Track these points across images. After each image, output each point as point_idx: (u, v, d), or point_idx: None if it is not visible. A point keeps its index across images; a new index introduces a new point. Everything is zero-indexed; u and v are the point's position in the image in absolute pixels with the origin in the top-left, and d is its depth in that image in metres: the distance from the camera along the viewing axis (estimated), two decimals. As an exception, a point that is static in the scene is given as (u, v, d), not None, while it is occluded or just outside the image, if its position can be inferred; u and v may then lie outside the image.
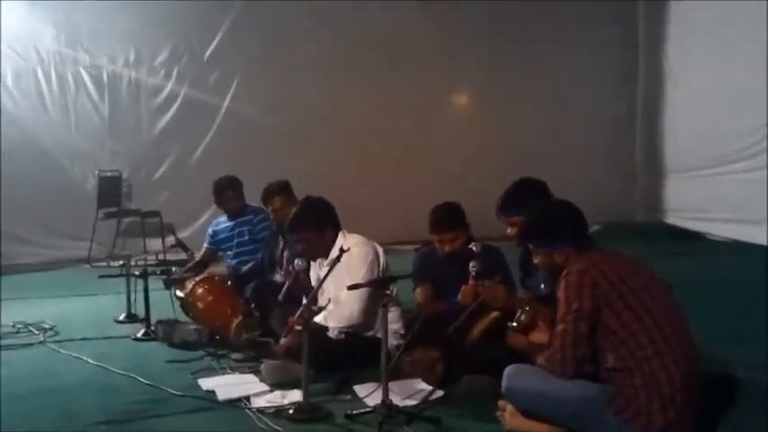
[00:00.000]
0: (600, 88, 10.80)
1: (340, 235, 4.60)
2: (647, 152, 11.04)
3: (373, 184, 9.67)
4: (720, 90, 9.34)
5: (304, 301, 4.63)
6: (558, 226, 3.38)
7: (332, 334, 4.40)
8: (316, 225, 4.56)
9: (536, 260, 3.49)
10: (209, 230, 6.28)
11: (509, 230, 4.02)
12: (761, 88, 8.60)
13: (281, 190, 5.59)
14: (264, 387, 4.12)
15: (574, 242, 3.34)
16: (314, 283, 4.66)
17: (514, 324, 3.56)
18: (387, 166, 9.93)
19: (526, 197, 3.97)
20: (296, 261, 4.36)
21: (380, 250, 4.60)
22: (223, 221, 6.17)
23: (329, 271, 4.10)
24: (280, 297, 4.35)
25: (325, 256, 4.54)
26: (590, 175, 10.18)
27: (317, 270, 4.68)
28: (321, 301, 4.34)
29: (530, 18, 10.26)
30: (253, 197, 6.03)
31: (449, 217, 4.55)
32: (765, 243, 8.30)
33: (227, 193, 6.10)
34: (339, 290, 4.32)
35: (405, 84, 10.10)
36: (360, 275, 4.32)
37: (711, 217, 9.55)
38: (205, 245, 6.26)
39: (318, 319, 4.34)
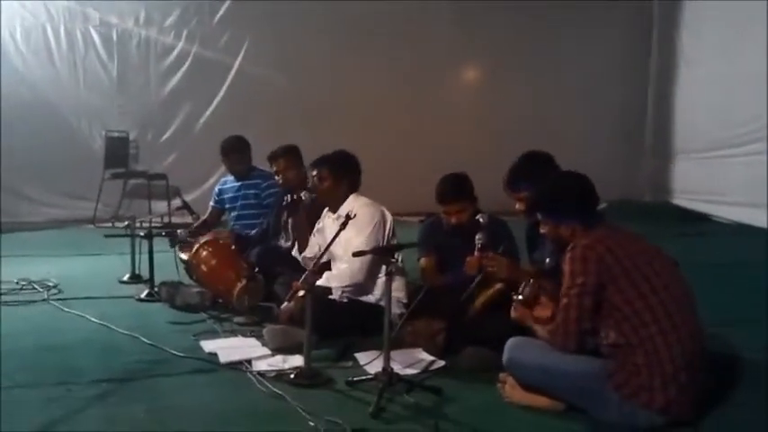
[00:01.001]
0: (612, 68, 10.76)
1: (352, 196, 4.63)
2: (657, 132, 11.00)
3: (380, 152, 9.55)
4: (732, 73, 9.30)
5: (295, 252, 4.69)
6: (568, 198, 3.35)
7: (335, 294, 4.42)
8: (336, 170, 4.64)
9: (543, 230, 3.46)
10: (216, 188, 6.29)
11: (518, 206, 3.99)
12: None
13: (285, 152, 5.56)
14: (266, 351, 4.13)
15: (581, 216, 3.31)
16: (317, 233, 4.78)
17: (519, 297, 3.54)
18: (394, 136, 9.90)
19: (533, 171, 3.92)
20: (303, 192, 4.41)
21: (388, 214, 4.61)
22: (230, 180, 6.16)
23: (335, 236, 4.10)
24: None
25: (333, 205, 4.62)
26: (599, 153, 10.11)
27: (324, 222, 4.76)
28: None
29: (543, -1, 10.20)
30: (261, 160, 5.99)
31: (456, 188, 4.52)
32: (766, 226, 8.31)
33: (233, 155, 6.09)
34: (344, 248, 4.35)
35: (414, 54, 10.07)
36: (365, 235, 4.38)
37: (718, 199, 9.53)
38: (211, 203, 6.26)
39: (321, 280, 4.37)
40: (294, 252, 4.99)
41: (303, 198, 4.61)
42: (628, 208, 9.13)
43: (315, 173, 4.70)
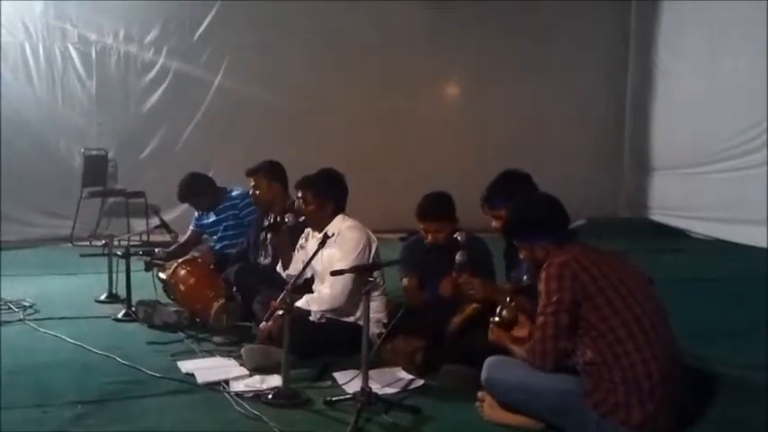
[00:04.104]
0: (590, 84, 10.86)
1: (339, 217, 4.58)
2: (635, 149, 11.09)
3: (361, 168, 9.56)
4: (709, 89, 9.41)
5: (279, 269, 4.68)
6: (539, 221, 3.38)
7: (313, 317, 4.40)
8: (321, 193, 4.56)
9: (521, 255, 3.49)
10: (196, 213, 6.24)
11: (494, 224, 4.02)
12: (749, 88, 8.66)
13: (259, 169, 5.47)
14: (244, 371, 4.10)
15: (554, 237, 3.34)
16: (300, 249, 4.74)
17: (497, 319, 3.55)
18: (375, 152, 9.91)
19: (510, 190, 3.96)
20: (287, 215, 4.40)
21: (374, 238, 4.57)
22: (209, 205, 6.14)
23: (314, 254, 4.10)
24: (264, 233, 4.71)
25: (318, 227, 4.55)
26: (577, 170, 10.21)
27: (307, 241, 4.72)
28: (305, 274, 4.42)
29: (520, 12, 10.28)
30: (242, 177, 5.94)
31: (436, 207, 4.52)
32: (747, 242, 8.40)
33: (189, 199, 6.12)
34: (326, 269, 4.31)
35: (395, 73, 10.11)
36: (349, 260, 4.31)
37: (696, 215, 9.62)
38: (191, 227, 6.22)
39: (301, 302, 4.34)
40: (278, 268, 4.97)
41: (287, 220, 4.55)
42: (606, 224, 9.20)
43: (299, 195, 4.64)
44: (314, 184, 4.60)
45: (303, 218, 4.69)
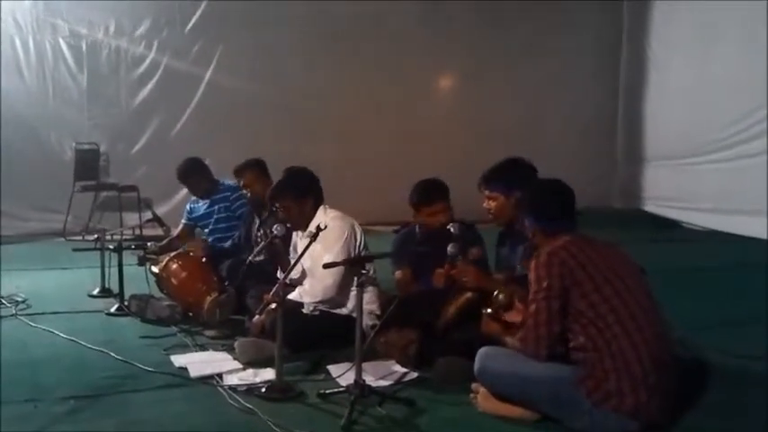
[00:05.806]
0: (583, 75, 10.88)
1: (321, 209, 4.58)
2: (628, 140, 11.11)
3: (354, 162, 9.64)
4: (701, 81, 9.42)
5: (279, 274, 4.67)
6: (554, 202, 3.40)
7: (306, 309, 4.40)
8: (296, 195, 4.55)
9: (529, 234, 3.51)
10: (187, 206, 6.25)
11: (485, 204, 4.03)
12: (741, 80, 8.68)
13: (249, 166, 5.54)
14: (237, 365, 4.10)
15: (556, 225, 3.35)
16: (292, 250, 4.71)
17: (489, 310, 3.55)
18: (368, 146, 9.90)
19: (511, 180, 3.95)
20: (275, 226, 4.39)
21: (357, 226, 4.57)
22: (200, 199, 6.12)
23: (305, 248, 4.09)
24: (250, 258, 4.58)
25: (304, 227, 4.53)
26: (571, 160, 10.16)
27: (296, 239, 4.70)
28: (294, 274, 4.37)
29: (516, 4, 10.28)
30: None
31: (428, 190, 4.53)
32: (741, 232, 8.43)
33: (191, 179, 6.10)
34: (314, 263, 4.31)
35: (389, 63, 10.08)
36: (335, 251, 4.31)
37: (688, 206, 9.64)
38: (183, 221, 6.22)
39: (293, 295, 4.33)
40: (279, 275, 4.95)
41: (276, 232, 4.52)
42: (600, 214, 9.20)
43: (277, 205, 4.64)
44: (287, 189, 4.59)
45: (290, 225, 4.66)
